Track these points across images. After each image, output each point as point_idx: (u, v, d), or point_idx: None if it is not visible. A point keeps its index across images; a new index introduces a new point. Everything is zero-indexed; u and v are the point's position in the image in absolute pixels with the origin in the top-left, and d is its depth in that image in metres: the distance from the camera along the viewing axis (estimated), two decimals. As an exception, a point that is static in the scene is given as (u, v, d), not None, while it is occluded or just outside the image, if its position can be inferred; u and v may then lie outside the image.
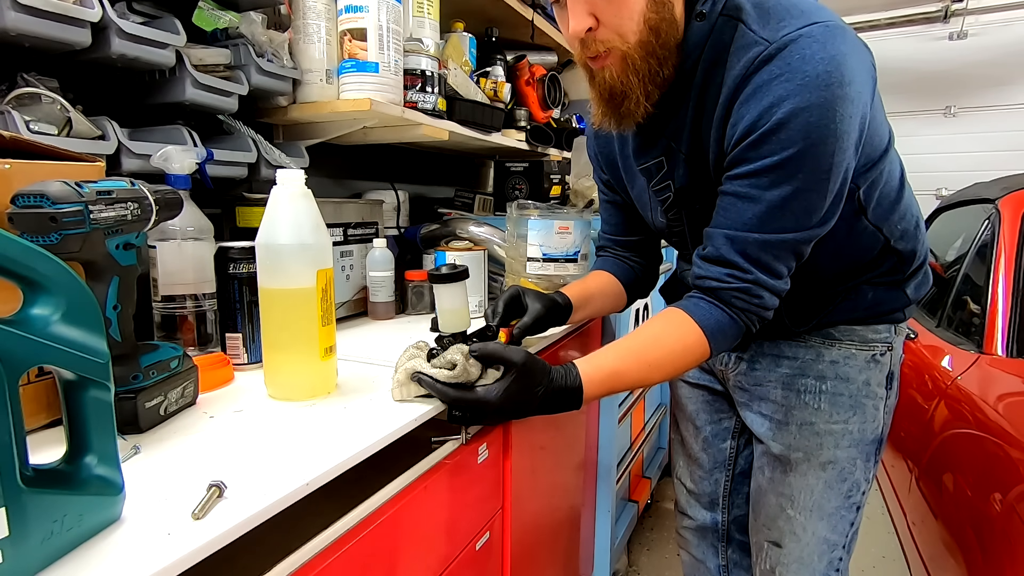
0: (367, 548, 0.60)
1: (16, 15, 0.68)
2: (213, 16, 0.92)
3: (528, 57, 1.73)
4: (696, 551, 1.14)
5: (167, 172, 0.81)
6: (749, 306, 0.73)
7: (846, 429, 0.85)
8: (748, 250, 0.71)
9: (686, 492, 1.13)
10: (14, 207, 0.53)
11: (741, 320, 0.74)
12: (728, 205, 0.72)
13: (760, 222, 0.69)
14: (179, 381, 0.68)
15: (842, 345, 0.85)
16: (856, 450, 0.85)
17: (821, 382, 0.85)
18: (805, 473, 0.87)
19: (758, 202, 0.69)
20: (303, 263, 0.71)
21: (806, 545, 0.88)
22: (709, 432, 1.07)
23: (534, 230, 1.15)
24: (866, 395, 0.85)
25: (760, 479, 0.93)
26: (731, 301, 0.73)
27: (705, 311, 0.74)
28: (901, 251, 0.81)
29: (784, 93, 0.64)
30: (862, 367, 0.85)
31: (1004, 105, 3.77)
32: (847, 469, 0.86)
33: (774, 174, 0.67)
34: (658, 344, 0.75)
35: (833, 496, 0.86)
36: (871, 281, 0.83)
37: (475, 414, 0.68)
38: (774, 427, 0.89)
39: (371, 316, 1.22)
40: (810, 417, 0.86)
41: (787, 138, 0.65)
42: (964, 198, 1.97)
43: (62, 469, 0.44)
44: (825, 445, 0.85)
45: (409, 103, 1.18)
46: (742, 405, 0.95)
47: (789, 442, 0.87)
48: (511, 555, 0.95)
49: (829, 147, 0.65)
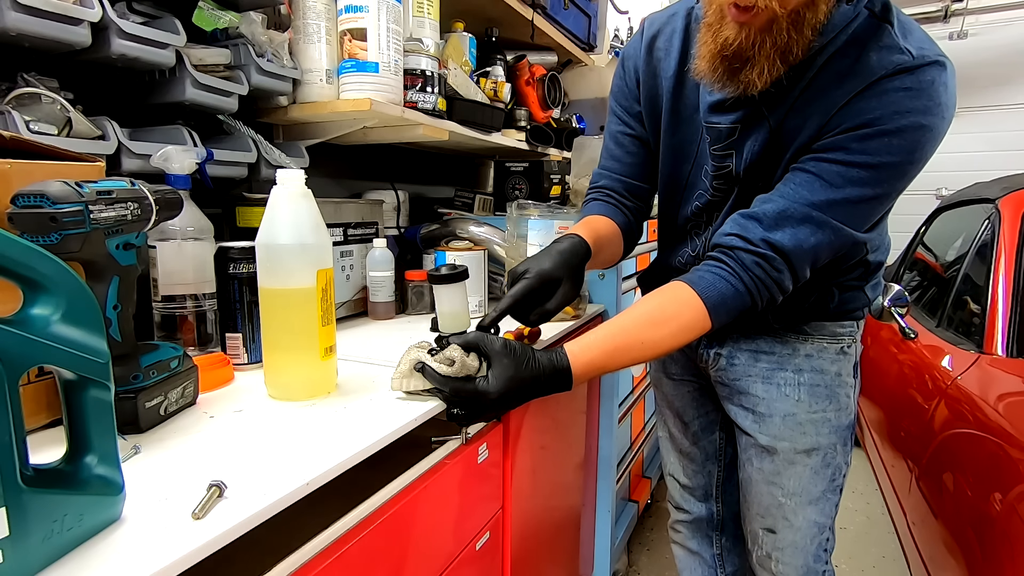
0: (367, 548, 0.60)
1: (16, 15, 0.68)
2: (213, 16, 0.92)
3: (528, 57, 1.73)
4: (691, 543, 1.15)
5: (167, 172, 0.81)
6: (767, 277, 0.72)
7: (825, 417, 0.89)
8: (803, 224, 0.71)
9: (679, 487, 1.14)
10: (14, 207, 0.53)
11: (750, 293, 0.73)
12: (803, 181, 0.71)
13: (830, 207, 0.70)
14: (179, 381, 0.68)
15: (815, 340, 0.89)
16: (835, 436, 0.90)
17: (799, 375, 0.89)
18: (792, 461, 0.90)
19: (838, 190, 0.69)
20: (303, 263, 0.71)
21: (798, 529, 0.91)
22: (698, 426, 1.08)
23: (534, 230, 1.15)
24: (839, 384, 0.90)
25: (749, 469, 0.95)
26: (751, 267, 0.72)
27: (709, 283, 0.73)
28: (871, 262, 0.86)
29: (914, 107, 0.67)
30: (833, 359, 0.89)
31: (1004, 105, 3.77)
32: (829, 455, 0.90)
33: (867, 173, 0.69)
34: (653, 322, 0.73)
35: (819, 481, 0.90)
36: (839, 284, 0.87)
37: (475, 407, 0.68)
38: (758, 419, 0.92)
39: (371, 316, 1.22)
40: (792, 408, 0.89)
41: (898, 146, 0.67)
42: (964, 198, 1.96)
43: (62, 469, 0.44)
44: (808, 434, 0.89)
45: (409, 103, 1.18)
46: (725, 399, 0.97)
47: (775, 433, 0.90)
48: (511, 555, 0.95)
49: (916, 170, 0.70)
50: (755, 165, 0.79)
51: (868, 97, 0.68)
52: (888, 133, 0.67)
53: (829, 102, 0.71)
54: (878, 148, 0.68)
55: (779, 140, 0.76)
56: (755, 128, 0.77)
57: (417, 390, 0.72)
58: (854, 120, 0.69)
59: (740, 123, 0.78)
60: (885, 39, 0.69)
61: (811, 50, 0.71)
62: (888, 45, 0.69)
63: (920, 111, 0.66)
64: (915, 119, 0.67)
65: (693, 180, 0.88)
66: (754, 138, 0.77)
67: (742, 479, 0.98)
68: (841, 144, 0.69)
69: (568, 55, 2.03)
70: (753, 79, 0.70)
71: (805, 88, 0.73)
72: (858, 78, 0.69)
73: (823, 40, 0.71)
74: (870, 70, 0.69)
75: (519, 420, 0.94)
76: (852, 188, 0.69)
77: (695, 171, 0.87)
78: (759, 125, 0.77)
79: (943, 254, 1.99)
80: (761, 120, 0.77)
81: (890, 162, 0.68)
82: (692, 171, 0.87)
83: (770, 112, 0.76)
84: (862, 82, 0.69)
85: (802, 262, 0.72)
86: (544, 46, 1.93)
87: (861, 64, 0.70)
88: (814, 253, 0.72)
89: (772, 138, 0.76)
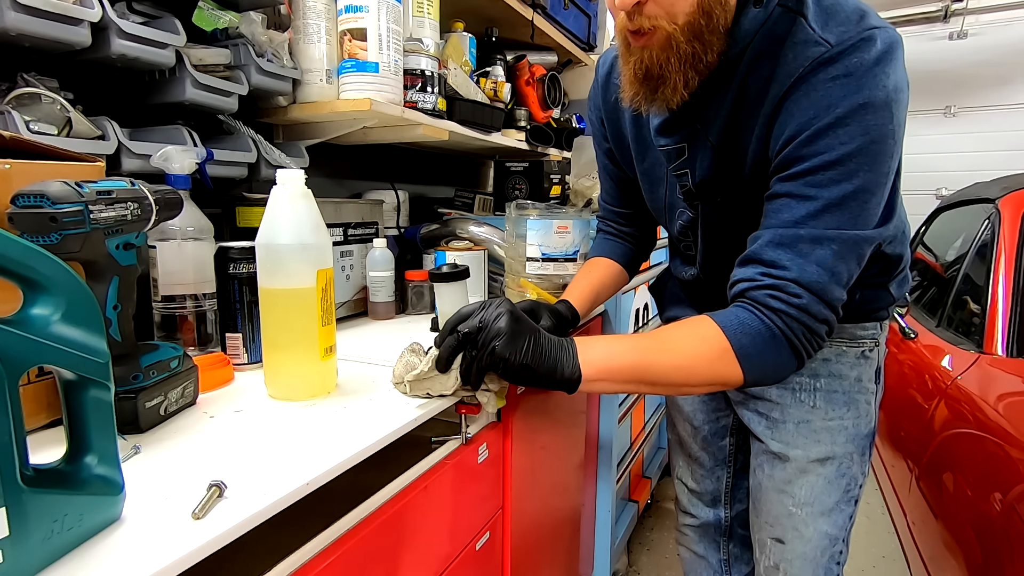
0: (367, 548, 0.60)
1: (16, 15, 0.68)
2: (213, 16, 0.92)
3: (528, 57, 1.73)
4: (698, 547, 1.14)
5: (167, 172, 0.81)
6: (788, 308, 0.65)
7: (842, 425, 0.86)
8: (798, 246, 0.65)
9: (687, 491, 1.13)
10: (14, 207, 0.53)
11: (780, 329, 0.65)
12: (779, 207, 0.67)
13: (816, 219, 0.65)
14: (179, 381, 0.68)
15: (833, 343, 0.85)
16: (852, 445, 0.86)
17: (815, 380, 0.86)
18: (805, 470, 0.87)
19: (814, 200, 0.65)
20: (303, 263, 0.71)
21: (808, 540, 0.88)
22: (708, 431, 1.07)
23: (533, 230, 1.15)
24: (858, 391, 0.86)
25: (760, 476, 0.93)
26: (765, 302, 0.66)
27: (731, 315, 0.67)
28: (889, 255, 0.82)
29: (843, 93, 0.63)
30: (853, 363, 0.86)
31: (1004, 105, 3.77)
32: (844, 464, 0.86)
33: (833, 170, 0.64)
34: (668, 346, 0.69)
35: (833, 491, 0.87)
36: (858, 282, 0.82)
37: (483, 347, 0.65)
38: (771, 425, 0.89)
39: (371, 316, 1.22)
40: (807, 415, 0.86)
41: (846, 134, 0.63)
42: (964, 198, 1.97)
43: (62, 469, 0.44)
44: (823, 442, 0.86)
45: (409, 103, 1.18)
46: (738, 404, 0.95)
47: (787, 440, 0.88)
48: (511, 555, 0.95)
49: (888, 147, 0.64)
50: (708, 182, 0.78)
51: (797, 99, 0.65)
52: (831, 127, 0.63)
53: (762, 114, 0.69)
54: (829, 144, 0.63)
55: (725, 155, 0.75)
56: (698, 146, 0.77)
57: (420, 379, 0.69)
58: (793, 126, 0.65)
59: (685, 142, 0.78)
60: (799, 34, 0.66)
61: (728, 56, 0.69)
62: (803, 40, 0.66)
63: (853, 93, 0.62)
64: (851, 102, 0.62)
65: (671, 201, 0.88)
66: (701, 156, 0.77)
67: (752, 486, 0.96)
68: (792, 156, 0.66)
69: (568, 55, 2.03)
70: (668, 95, 0.69)
71: (736, 99, 0.71)
72: (779, 82, 0.67)
73: (739, 46, 0.69)
74: (789, 71, 0.66)
75: (519, 420, 0.94)
76: (827, 191, 0.64)
77: (669, 192, 0.87)
78: (701, 143, 0.77)
79: (943, 254, 1.99)
80: (702, 139, 0.76)
81: (849, 151, 0.63)
82: (667, 193, 0.88)
83: (707, 129, 0.75)
84: (784, 85, 0.66)
85: (819, 280, 0.65)
86: (544, 46, 1.93)
87: (780, 66, 0.67)
88: (827, 268, 0.66)
89: (717, 155, 0.76)
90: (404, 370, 0.70)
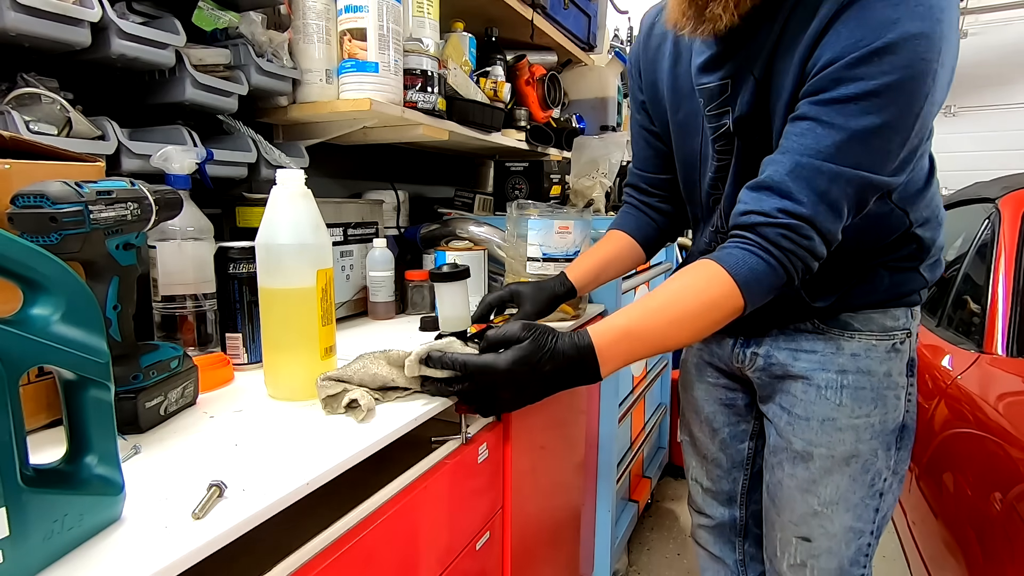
0: (367, 548, 0.60)
1: (16, 15, 0.68)
2: (213, 16, 0.92)
3: (528, 57, 1.73)
4: (714, 548, 1.12)
5: (167, 172, 0.81)
6: (797, 248, 0.66)
7: (868, 422, 0.83)
8: (816, 181, 0.64)
9: (702, 491, 1.10)
10: (14, 207, 0.53)
11: (783, 267, 0.67)
12: (803, 130, 0.66)
13: (838, 151, 0.63)
14: (179, 381, 0.68)
15: (862, 336, 0.83)
16: (877, 441, 0.84)
17: (842, 376, 0.83)
18: (829, 469, 0.85)
19: (840, 130, 0.63)
20: (303, 263, 0.71)
21: (834, 536, 0.87)
22: (727, 434, 1.04)
23: (534, 230, 1.15)
24: (887, 386, 0.83)
25: (780, 475, 0.91)
26: (776, 240, 0.66)
27: (737, 259, 0.68)
28: (922, 237, 0.80)
29: (896, 16, 0.60)
30: (883, 358, 0.83)
31: (1004, 105, 3.77)
32: (869, 460, 0.85)
33: (867, 101, 0.62)
34: (679, 299, 0.69)
35: (858, 488, 0.85)
36: (888, 264, 0.81)
37: (485, 389, 0.66)
38: (793, 420, 0.87)
39: (371, 316, 1.22)
40: (832, 413, 0.84)
41: (890, 63, 0.60)
42: (964, 198, 1.96)
43: (62, 469, 0.44)
44: (847, 440, 0.84)
45: (409, 103, 1.18)
46: (764, 400, 0.93)
47: (811, 438, 0.86)
48: (511, 555, 0.95)
49: (926, 86, 0.62)
50: (746, 119, 0.76)
51: (847, 20, 0.63)
52: (878, 52, 0.61)
53: (807, 36, 0.66)
54: (870, 72, 0.61)
55: (767, 90, 0.73)
56: (742, 82, 0.75)
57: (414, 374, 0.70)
58: (838, 48, 0.63)
59: (728, 79, 0.76)
60: None
61: None
62: None
63: (908, 18, 0.60)
64: (905, 28, 0.60)
65: (705, 152, 0.86)
66: (744, 95, 0.75)
67: (770, 483, 0.93)
68: (831, 77, 0.64)
69: (568, 55, 2.03)
70: (718, 13, 0.67)
71: (782, 30, 0.69)
72: (828, 5, 0.64)
73: None
74: None
75: (519, 420, 0.94)
76: (855, 121, 0.63)
77: (704, 142, 0.85)
78: (745, 79, 0.74)
79: (943, 254, 1.98)
80: (746, 73, 0.74)
81: (889, 83, 0.61)
82: (702, 143, 0.86)
83: (752, 62, 0.73)
84: (834, 9, 0.64)
85: (827, 222, 0.66)
86: (544, 46, 1.93)
87: None
88: (836, 209, 0.66)
89: (759, 89, 0.73)
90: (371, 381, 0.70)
